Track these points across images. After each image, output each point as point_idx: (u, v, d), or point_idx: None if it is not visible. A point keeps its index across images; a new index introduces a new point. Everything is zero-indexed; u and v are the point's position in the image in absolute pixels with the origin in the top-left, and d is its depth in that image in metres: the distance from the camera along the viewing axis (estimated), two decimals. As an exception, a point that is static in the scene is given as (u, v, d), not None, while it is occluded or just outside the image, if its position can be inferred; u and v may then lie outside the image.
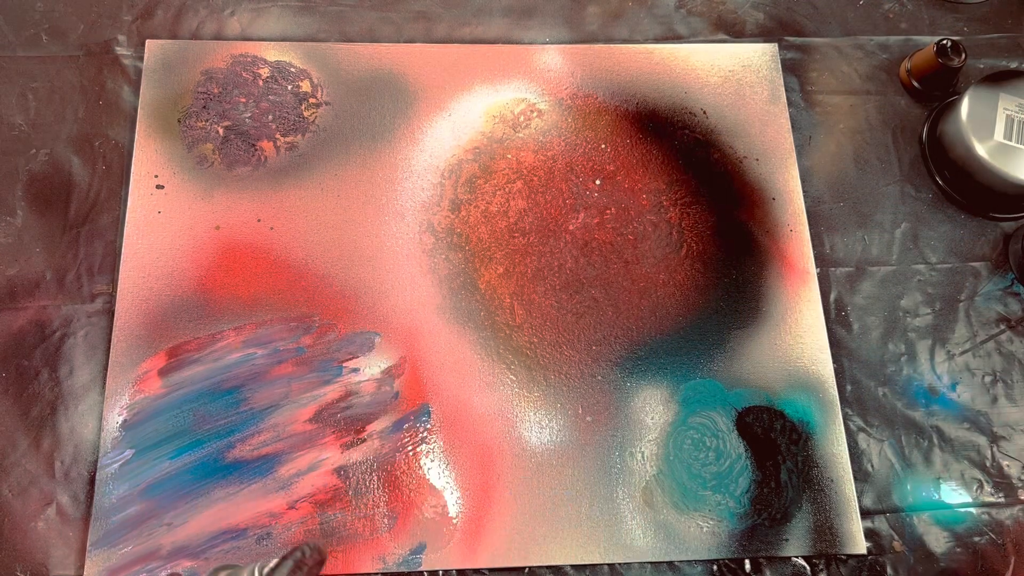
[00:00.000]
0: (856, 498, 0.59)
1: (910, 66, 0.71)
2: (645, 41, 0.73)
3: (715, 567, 0.57)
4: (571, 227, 0.65)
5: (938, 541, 0.59)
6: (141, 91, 0.67)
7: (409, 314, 0.62)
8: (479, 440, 0.59)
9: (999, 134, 0.65)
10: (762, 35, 0.74)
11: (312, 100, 0.68)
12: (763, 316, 0.64)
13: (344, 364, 0.60)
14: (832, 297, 0.65)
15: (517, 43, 0.72)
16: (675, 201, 0.67)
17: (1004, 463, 0.61)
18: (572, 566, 0.57)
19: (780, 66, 0.72)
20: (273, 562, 0.38)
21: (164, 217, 0.63)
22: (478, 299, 0.63)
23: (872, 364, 0.63)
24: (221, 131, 0.66)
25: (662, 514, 0.58)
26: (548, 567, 0.56)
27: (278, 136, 0.66)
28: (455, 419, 0.59)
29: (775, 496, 0.58)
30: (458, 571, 0.56)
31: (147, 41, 0.68)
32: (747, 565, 0.57)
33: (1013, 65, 0.74)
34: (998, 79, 0.67)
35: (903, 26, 0.75)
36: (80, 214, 0.63)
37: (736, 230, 0.66)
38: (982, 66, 0.73)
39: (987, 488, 0.60)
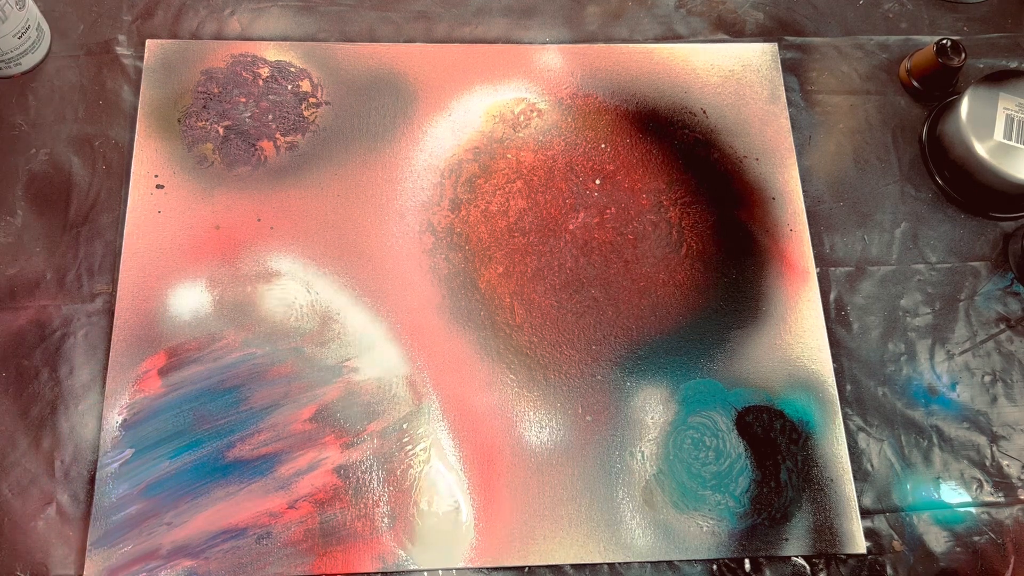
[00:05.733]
0: (856, 498, 0.59)
1: (910, 66, 0.71)
2: (645, 41, 0.73)
3: (715, 567, 0.57)
4: (571, 227, 0.65)
5: (938, 541, 0.59)
6: (141, 91, 0.67)
7: (409, 314, 0.62)
8: (479, 439, 0.59)
9: (999, 134, 0.65)
10: (762, 35, 0.74)
11: (312, 100, 0.68)
12: (763, 316, 0.64)
13: (344, 364, 0.60)
14: (832, 297, 0.65)
15: (517, 43, 0.72)
16: (675, 201, 0.67)
17: (1004, 463, 0.61)
18: (572, 566, 0.57)
19: (780, 66, 0.72)
20: None
21: (164, 217, 0.63)
22: (478, 299, 0.63)
23: (872, 364, 0.63)
24: (221, 131, 0.66)
25: (662, 514, 0.58)
26: (548, 567, 0.56)
27: (278, 136, 0.66)
28: (455, 419, 0.59)
29: (775, 496, 0.58)
30: (457, 571, 0.56)
31: (147, 41, 0.68)
32: (747, 565, 0.57)
33: (1013, 65, 0.74)
34: (998, 79, 0.67)
35: (903, 26, 0.75)
36: (80, 214, 0.63)
37: (736, 230, 0.66)
38: (982, 66, 0.73)
39: (987, 488, 0.60)
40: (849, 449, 0.60)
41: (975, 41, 0.74)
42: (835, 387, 0.62)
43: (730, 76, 0.71)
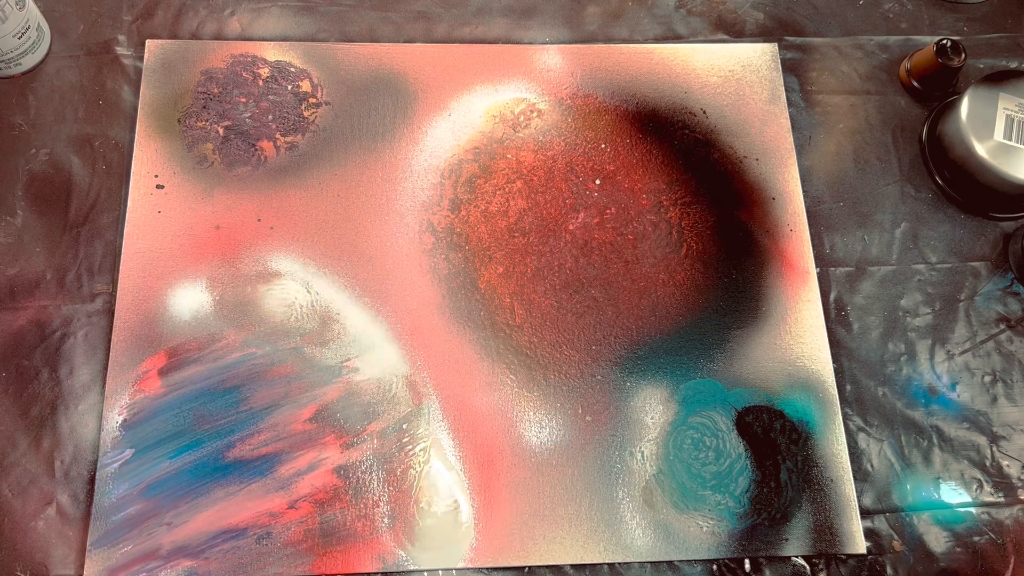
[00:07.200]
0: (856, 498, 0.59)
1: (910, 66, 0.71)
2: (645, 41, 0.73)
3: (715, 567, 0.57)
4: (571, 227, 0.65)
5: (938, 541, 0.59)
6: (141, 91, 0.67)
7: (409, 314, 0.62)
8: (479, 440, 0.59)
9: (999, 134, 0.65)
10: (762, 35, 0.74)
11: (312, 100, 0.68)
12: (763, 316, 0.64)
13: (344, 364, 0.60)
14: (832, 297, 0.65)
15: (517, 43, 0.72)
16: (675, 201, 0.67)
17: (1004, 463, 0.61)
18: (572, 566, 0.57)
19: (780, 66, 0.72)
20: None
21: (164, 217, 0.63)
22: (478, 299, 0.63)
23: (872, 364, 0.63)
24: (221, 131, 0.66)
25: (662, 514, 0.58)
26: (548, 567, 0.56)
27: (278, 136, 0.66)
28: (455, 419, 0.59)
29: (775, 496, 0.58)
30: (457, 571, 0.56)
31: (147, 41, 0.68)
32: (747, 565, 0.57)
33: (1013, 65, 0.74)
34: (998, 79, 0.67)
35: (903, 26, 0.75)
36: (80, 214, 0.63)
37: (736, 230, 0.66)
38: (982, 66, 0.73)
39: (987, 488, 0.60)
40: (849, 449, 0.60)
41: (975, 41, 0.74)
42: (835, 387, 0.62)
43: (730, 76, 0.71)
